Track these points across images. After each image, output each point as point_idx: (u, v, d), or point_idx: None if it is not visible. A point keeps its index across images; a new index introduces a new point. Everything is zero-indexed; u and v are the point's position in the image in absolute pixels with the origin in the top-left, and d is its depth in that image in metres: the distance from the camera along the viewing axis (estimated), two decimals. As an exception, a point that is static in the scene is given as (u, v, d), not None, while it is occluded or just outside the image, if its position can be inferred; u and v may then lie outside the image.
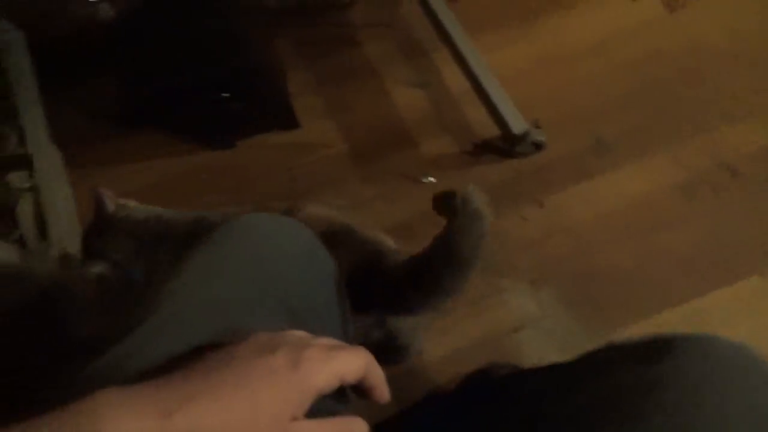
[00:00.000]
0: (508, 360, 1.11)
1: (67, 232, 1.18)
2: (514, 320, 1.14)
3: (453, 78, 1.32)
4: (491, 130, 1.26)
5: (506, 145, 1.21)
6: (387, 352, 0.83)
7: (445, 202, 0.72)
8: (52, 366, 0.96)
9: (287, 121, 1.33)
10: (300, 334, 0.45)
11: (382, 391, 0.46)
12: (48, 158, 1.30)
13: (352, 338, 0.66)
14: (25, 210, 1.32)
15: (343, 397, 0.49)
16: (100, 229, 0.88)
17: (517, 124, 1.09)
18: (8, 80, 1.36)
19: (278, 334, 0.43)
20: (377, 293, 0.74)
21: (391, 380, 0.48)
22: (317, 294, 0.60)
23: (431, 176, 1.26)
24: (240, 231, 0.58)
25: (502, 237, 1.19)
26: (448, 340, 1.13)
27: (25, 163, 1.36)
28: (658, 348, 0.47)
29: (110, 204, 0.86)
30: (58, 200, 1.27)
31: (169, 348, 0.46)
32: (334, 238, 0.76)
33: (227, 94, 1.15)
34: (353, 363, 0.43)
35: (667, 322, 1.12)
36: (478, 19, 1.34)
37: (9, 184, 1.37)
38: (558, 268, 1.16)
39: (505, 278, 1.16)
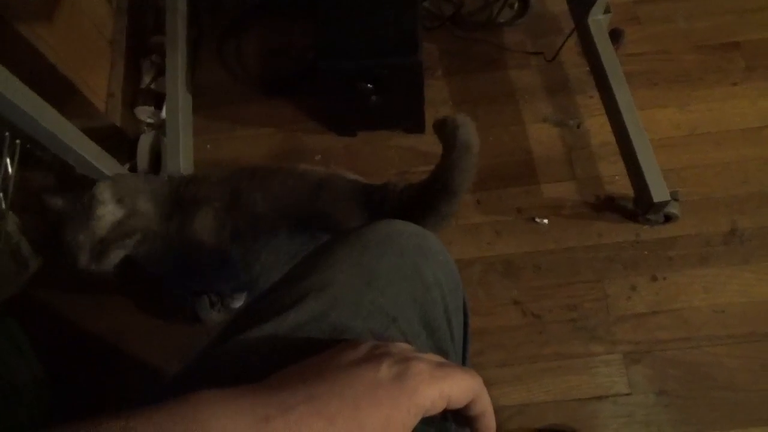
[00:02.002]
0: (579, 427, 1.06)
1: (177, 174, 1.20)
2: (597, 389, 1.08)
3: (595, 125, 1.27)
4: (620, 189, 1.21)
5: (635, 209, 1.15)
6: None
7: (442, 128, 0.82)
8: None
9: (414, 125, 1.31)
10: (405, 346, 0.41)
11: (489, 421, 0.41)
12: (179, 101, 1.33)
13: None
14: (144, 143, 1.36)
15: (445, 424, 0.45)
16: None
17: (659, 192, 1.03)
18: (161, 19, 1.40)
19: (383, 344, 0.40)
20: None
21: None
22: (455, 319, 0.57)
23: (546, 218, 1.21)
24: (394, 237, 0.56)
25: (605, 301, 1.14)
26: (523, 390, 1.09)
27: (156, 100, 1.41)
28: None
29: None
30: (178, 142, 1.30)
31: (311, 344, 0.45)
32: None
33: (370, 86, 1.14)
34: (464, 384, 0.38)
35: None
36: (631, 71, 1.28)
37: (135, 116, 1.42)
38: (657, 349, 1.10)
39: (599, 343, 1.11)
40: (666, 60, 1.34)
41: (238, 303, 1.15)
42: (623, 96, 1.10)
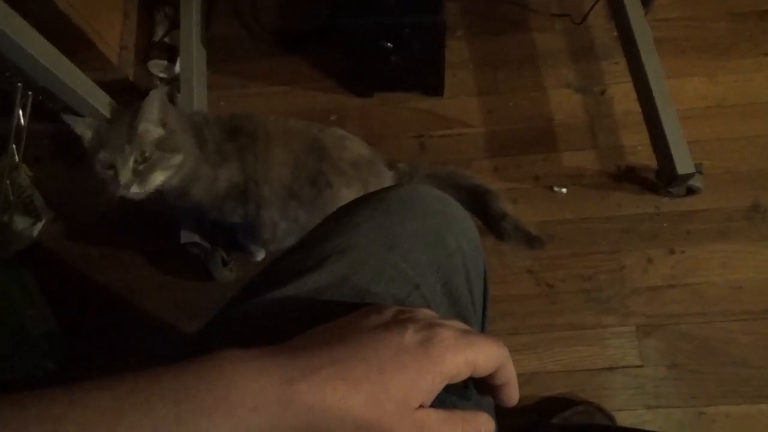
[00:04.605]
0: (588, 397, 1.06)
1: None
2: (608, 360, 1.08)
3: (619, 93, 1.24)
4: (642, 159, 1.19)
5: (658, 181, 1.13)
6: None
7: None
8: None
9: (433, 87, 1.28)
10: (429, 312, 0.40)
11: (513, 390, 0.40)
12: (193, 55, 1.30)
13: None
14: (156, 97, 1.33)
15: (467, 392, 0.45)
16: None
17: (684, 164, 1.01)
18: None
19: (407, 309, 0.39)
20: None
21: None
22: (476, 287, 0.56)
23: (564, 187, 1.19)
24: (416, 202, 0.55)
25: (620, 273, 1.12)
26: (534, 359, 1.09)
27: (169, 53, 1.38)
28: None
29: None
30: (192, 98, 1.27)
31: (334, 307, 0.44)
32: None
33: (390, 45, 1.11)
34: (490, 352, 0.37)
35: (764, 414, 1.04)
36: (660, 37, 1.24)
37: (148, 70, 1.39)
38: (670, 322, 1.09)
39: (612, 315, 1.10)
40: (696, 27, 1.29)
41: (260, 256, 1.16)
42: (651, 63, 1.06)
